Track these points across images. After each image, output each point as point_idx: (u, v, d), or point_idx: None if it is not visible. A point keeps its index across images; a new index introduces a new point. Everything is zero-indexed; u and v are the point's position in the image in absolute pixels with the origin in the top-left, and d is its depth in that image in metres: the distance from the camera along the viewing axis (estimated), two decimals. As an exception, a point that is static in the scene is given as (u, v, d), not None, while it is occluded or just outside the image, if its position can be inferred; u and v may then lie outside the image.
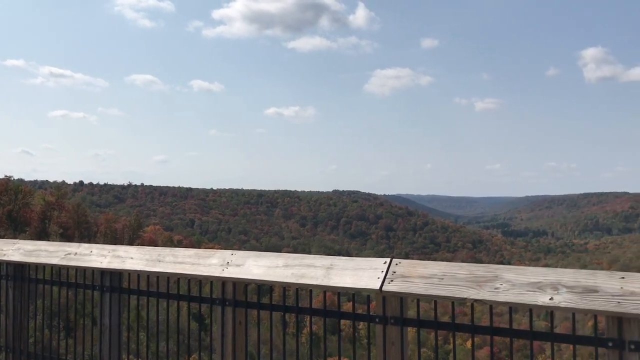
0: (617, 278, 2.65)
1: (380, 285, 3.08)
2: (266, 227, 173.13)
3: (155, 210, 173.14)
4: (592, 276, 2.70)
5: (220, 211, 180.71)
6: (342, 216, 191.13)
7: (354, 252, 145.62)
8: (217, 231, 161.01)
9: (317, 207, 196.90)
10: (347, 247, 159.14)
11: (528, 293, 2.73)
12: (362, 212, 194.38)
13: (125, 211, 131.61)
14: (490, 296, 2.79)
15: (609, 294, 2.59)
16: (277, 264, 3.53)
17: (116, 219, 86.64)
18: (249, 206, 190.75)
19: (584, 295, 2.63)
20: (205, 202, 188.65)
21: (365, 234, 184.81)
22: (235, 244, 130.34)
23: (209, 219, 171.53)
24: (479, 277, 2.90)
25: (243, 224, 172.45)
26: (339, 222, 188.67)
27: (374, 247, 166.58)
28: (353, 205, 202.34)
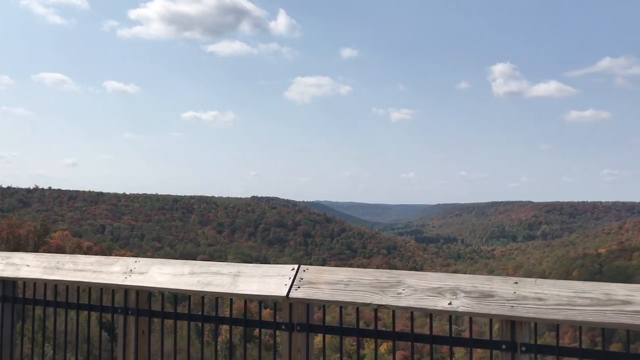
0: (511, 283, 2.73)
1: (287, 292, 3.07)
2: (181, 234, 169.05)
3: (63, 215, 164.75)
4: (488, 281, 2.79)
5: (133, 217, 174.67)
6: (260, 223, 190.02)
7: (271, 258, 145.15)
8: (129, 237, 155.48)
9: (235, 214, 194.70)
10: (264, 254, 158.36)
11: (428, 298, 2.79)
12: (281, 218, 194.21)
13: (30, 216, 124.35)
14: (393, 301, 2.84)
15: (504, 299, 2.66)
16: (183, 271, 3.44)
17: (20, 224, 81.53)
18: (164, 212, 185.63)
19: (481, 299, 2.69)
20: (117, 207, 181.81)
21: (283, 241, 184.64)
22: (148, 251, 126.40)
23: (121, 225, 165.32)
24: (383, 282, 2.94)
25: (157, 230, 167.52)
26: (257, 229, 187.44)
27: (292, 253, 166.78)
28: (271, 211, 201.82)
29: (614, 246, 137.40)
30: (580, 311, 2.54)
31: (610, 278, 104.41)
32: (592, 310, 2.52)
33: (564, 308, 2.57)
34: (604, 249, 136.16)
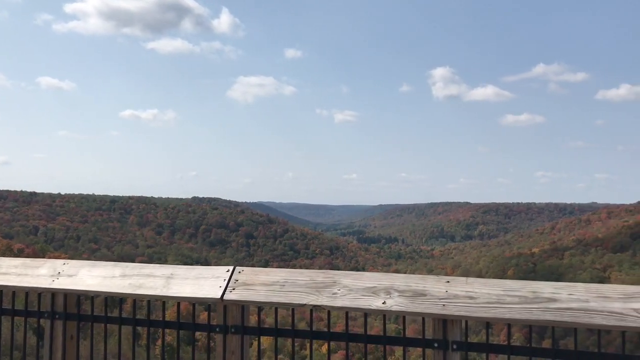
0: (444, 282, 2.80)
1: (221, 294, 3.03)
2: (119, 235, 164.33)
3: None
4: (422, 280, 2.84)
5: (68, 218, 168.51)
6: (201, 224, 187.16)
7: (213, 260, 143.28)
8: (64, 239, 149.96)
9: (175, 215, 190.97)
10: (205, 256, 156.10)
11: (363, 298, 2.82)
12: (223, 219, 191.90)
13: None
14: (328, 302, 2.85)
15: (436, 297, 2.72)
16: (114, 274, 3.34)
17: (-56, 225, 77.35)
18: (101, 213, 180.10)
19: (414, 298, 2.74)
20: (51, 207, 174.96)
21: (225, 242, 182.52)
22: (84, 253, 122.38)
23: (56, 226, 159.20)
24: (319, 283, 2.96)
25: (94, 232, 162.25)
26: (198, 230, 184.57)
27: (234, 254, 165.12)
28: (213, 212, 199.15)
29: (547, 246, 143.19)
30: (509, 309, 2.61)
31: (543, 276, 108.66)
32: (519, 308, 2.60)
33: (493, 306, 2.63)
34: (538, 248, 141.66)
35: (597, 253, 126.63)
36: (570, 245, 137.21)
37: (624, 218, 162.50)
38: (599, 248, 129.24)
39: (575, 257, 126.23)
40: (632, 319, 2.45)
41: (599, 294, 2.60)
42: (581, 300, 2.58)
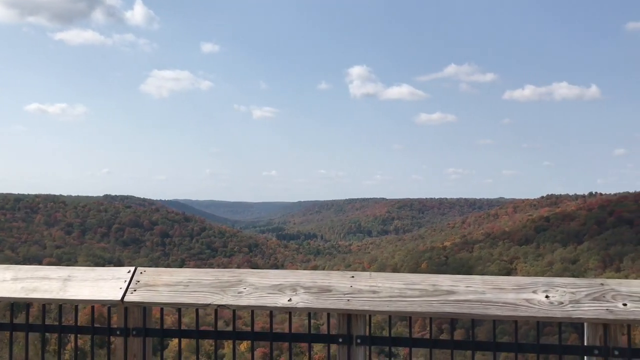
0: (348, 277, 2.85)
1: (122, 296, 2.93)
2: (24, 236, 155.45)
3: None
4: (327, 276, 2.87)
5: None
6: (113, 223, 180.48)
7: (126, 260, 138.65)
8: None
9: (86, 214, 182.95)
10: (118, 256, 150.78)
11: (269, 296, 2.81)
12: (136, 218, 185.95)
13: None
14: (233, 301, 2.83)
15: (341, 293, 2.76)
16: (4, 277, 3.14)
17: None
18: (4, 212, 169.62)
19: (319, 295, 2.77)
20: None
21: (139, 241, 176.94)
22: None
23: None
24: (224, 282, 2.92)
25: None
26: (111, 229, 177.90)
27: (149, 254, 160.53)
28: (126, 211, 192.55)
29: (458, 239, 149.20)
30: (410, 302, 2.68)
31: (455, 269, 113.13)
32: (420, 301, 2.67)
33: (395, 300, 2.69)
34: (449, 242, 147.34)
35: (505, 246, 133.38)
36: (479, 238, 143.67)
37: (529, 212, 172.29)
38: (506, 241, 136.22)
39: (484, 249, 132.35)
40: (523, 308, 2.61)
41: (495, 285, 2.72)
42: (478, 292, 2.69)
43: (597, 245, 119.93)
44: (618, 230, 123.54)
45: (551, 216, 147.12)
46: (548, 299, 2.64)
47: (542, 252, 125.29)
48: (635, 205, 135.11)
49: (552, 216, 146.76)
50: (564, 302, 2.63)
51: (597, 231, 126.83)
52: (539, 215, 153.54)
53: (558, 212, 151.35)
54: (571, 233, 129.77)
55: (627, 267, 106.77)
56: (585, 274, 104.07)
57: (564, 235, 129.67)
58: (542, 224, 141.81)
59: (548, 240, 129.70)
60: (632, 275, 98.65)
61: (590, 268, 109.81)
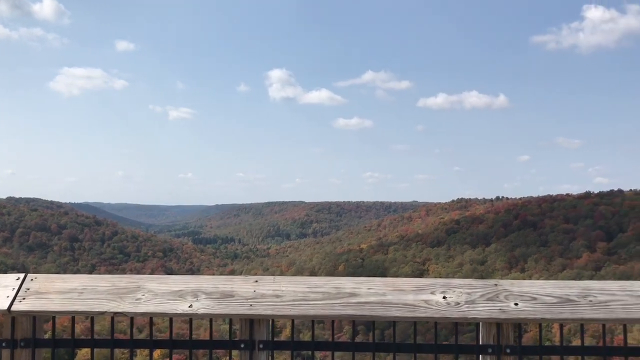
0: (251, 282, 2.82)
1: (8, 305, 2.75)
2: None
3: None
4: (229, 281, 2.84)
5: None
6: (18, 227, 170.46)
7: (31, 266, 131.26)
8: None
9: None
10: (23, 261, 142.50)
11: (169, 302, 2.75)
12: (43, 221, 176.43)
13: None
14: (131, 308, 2.75)
15: (243, 298, 2.73)
16: None
17: None
18: None
19: (221, 300, 2.73)
20: None
21: (46, 246, 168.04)
22: None
23: None
24: (122, 288, 2.82)
25: None
26: (14, 234, 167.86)
27: (56, 259, 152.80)
28: (32, 214, 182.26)
29: (374, 241, 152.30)
30: (313, 306, 2.69)
31: (370, 271, 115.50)
32: (323, 304, 2.69)
33: (298, 303, 2.70)
34: (366, 244, 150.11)
35: (418, 247, 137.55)
36: (394, 240, 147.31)
37: (441, 215, 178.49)
38: (419, 243, 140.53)
39: (399, 251, 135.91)
40: (422, 309, 2.69)
41: (395, 287, 2.78)
42: (379, 294, 2.74)
43: (503, 247, 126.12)
44: (523, 233, 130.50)
45: (461, 219, 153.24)
46: (445, 300, 2.72)
47: (452, 253, 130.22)
48: (539, 209, 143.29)
49: (462, 219, 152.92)
50: (460, 302, 2.71)
51: (504, 233, 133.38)
52: (450, 218, 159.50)
53: (467, 215, 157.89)
54: (480, 235, 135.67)
55: (531, 268, 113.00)
56: (492, 275, 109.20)
57: (473, 238, 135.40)
58: (453, 226, 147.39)
59: (458, 243, 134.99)
60: (536, 276, 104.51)
61: (497, 269, 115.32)
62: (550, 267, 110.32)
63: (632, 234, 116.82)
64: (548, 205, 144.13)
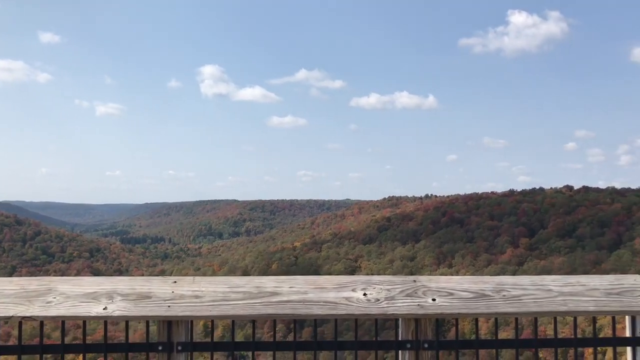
0: (170, 283, 2.76)
1: None
2: None
3: None
4: (147, 282, 2.77)
5: None
6: None
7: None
8: None
9: None
10: None
11: (82, 304, 2.68)
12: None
13: None
14: (41, 311, 2.65)
15: (161, 299, 2.68)
16: None
17: None
18: None
19: (138, 302, 2.68)
20: None
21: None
22: None
23: None
24: (31, 291, 2.71)
25: None
26: None
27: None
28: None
29: (307, 239, 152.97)
30: (233, 305, 2.67)
31: (304, 269, 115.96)
32: (243, 304, 2.67)
33: (218, 304, 2.68)
34: (299, 242, 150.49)
35: (350, 245, 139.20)
36: (327, 238, 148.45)
37: (373, 213, 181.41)
38: (352, 240, 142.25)
39: (332, 249, 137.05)
40: (343, 307, 2.70)
41: (317, 285, 2.79)
42: (301, 292, 2.74)
43: (432, 243, 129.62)
44: (450, 230, 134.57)
45: (392, 217, 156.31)
46: (366, 297, 2.75)
47: (384, 250, 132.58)
48: (465, 206, 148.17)
49: (393, 216, 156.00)
50: (380, 299, 2.74)
51: (432, 230, 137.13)
52: (382, 216, 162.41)
53: (398, 213, 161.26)
54: (410, 232, 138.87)
55: (458, 263, 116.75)
56: (421, 271, 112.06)
57: (404, 235, 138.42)
58: (384, 224, 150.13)
59: (389, 239, 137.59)
60: (462, 271, 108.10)
61: (426, 264, 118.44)
62: (476, 263, 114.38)
63: (552, 230, 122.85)
64: (474, 203, 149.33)
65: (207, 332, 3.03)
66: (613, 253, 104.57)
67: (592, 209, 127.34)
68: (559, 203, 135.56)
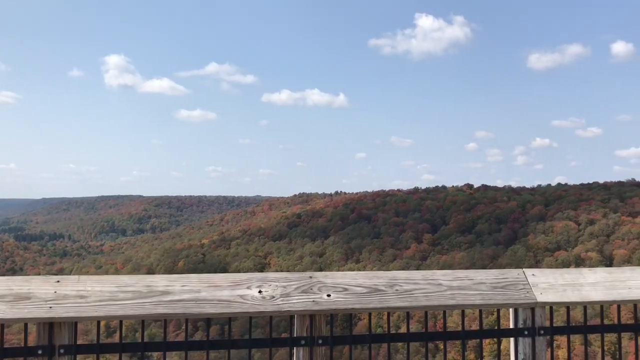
0: (52, 282, 2.66)
1: None
2: None
3: None
4: (26, 282, 2.66)
5: None
6: None
7: None
8: None
9: None
10: None
11: None
12: None
13: None
14: None
15: (42, 300, 2.58)
16: None
17: None
18: None
19: (15, 303, 2.56)
20: None
21: None
22: None
23: None
24: None
25: None
26: None
27: None
28: None
29: (216, 236, 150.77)
30: (121, 306, 2.60)
31: (212, 266, 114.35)
32: (132, 304, 2.61)
33: (105, 304, 2.60)
34: (207, 239, 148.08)
35: (260, 241, 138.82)
36: (236, 235, 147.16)
37: (283, 209, 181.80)
38: (262, 237, 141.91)
39: (241, 246, 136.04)
40: (236, 305, 2.69)
41: (211, 283, 2.75)
42: (194, 290, 2.70)
43: (341, 239, 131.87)
44: (358, 226, 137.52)
45: (302, 213, 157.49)
46: (261, 294, 2.75)
47: (293, 246, 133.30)
48: (372, 203, 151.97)
49: (303, 213, 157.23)
50: (275, 296, 2.75)
51: (341, 226, 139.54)
52: (292, 212, 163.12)
53: (308, 210, 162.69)
54: (319, 229, 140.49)
55: (365, 259, 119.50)
56: (330, 267, 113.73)
57: (313, 231, 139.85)
58: (294, 220, 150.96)
59: (299, 236, 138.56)
60: (369, 266, 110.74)
61: (334, 260, 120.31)
62: (382, 258, 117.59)
63: (453, 226, 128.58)
64: (381, 200, 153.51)
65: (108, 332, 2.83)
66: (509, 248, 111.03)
67: (490, 206, 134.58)
68: (459, 200, 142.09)
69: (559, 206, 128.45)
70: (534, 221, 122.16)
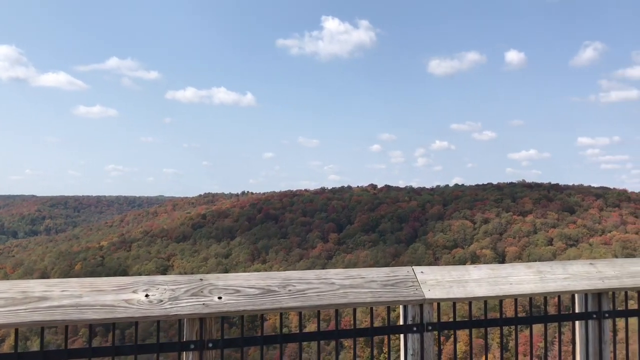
0: None
1: None
2: None
3: None
4: None
5: None
6: None
7: None
8: None
9: None
10: None
11: None
12: None
13: None
14: None
15: None
16: None
17: None
18: None
19: None
20: None
21: None
22: None
23: None
24: None
25: None
26: None
27: None
28: None
29: (116, 238, 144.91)
30: None
31: (111, 269, 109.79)
32: (5, 312, 2.47)
33: None
34: (106, 241, 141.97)
35: (163, 243, 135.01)
36: (138, 236, 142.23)
37: (187, 210, 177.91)
38: (165, 238, 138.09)
39: (143, 248, 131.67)
40: (121, 310, 2.58)
41: (93, 287, 2.64)
42: (74, 296, 2.59)
43: (247, 239, 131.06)
44: (265, 226, 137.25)
45: (208, 213, 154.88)
46: (148, 298, 2.66)
47: (198, 248, 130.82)
48: (280, 203, 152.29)
49: (209, 213, 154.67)
50: (163, 300, 2.67)
51: (248, 227, 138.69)
52: (197, 213, 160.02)
53: (214, 210, 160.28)
54: (225, 229, 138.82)
55: (271, 259, 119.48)
56: (236, 267, 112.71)
57: (219, 232, 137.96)
58: (199, 221, 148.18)
59: (204, 237, 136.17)
60: (276, 266, 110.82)
61: (241, 261, 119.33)
62: (289, 258, 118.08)
63: (357, 225, 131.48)
64: (289, 200, 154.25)
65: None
66: (410, 246, 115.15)
67: (392, 206, 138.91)
68: (364, 200, 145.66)
69: (456, 206, 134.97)
70: (433, 220, 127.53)
